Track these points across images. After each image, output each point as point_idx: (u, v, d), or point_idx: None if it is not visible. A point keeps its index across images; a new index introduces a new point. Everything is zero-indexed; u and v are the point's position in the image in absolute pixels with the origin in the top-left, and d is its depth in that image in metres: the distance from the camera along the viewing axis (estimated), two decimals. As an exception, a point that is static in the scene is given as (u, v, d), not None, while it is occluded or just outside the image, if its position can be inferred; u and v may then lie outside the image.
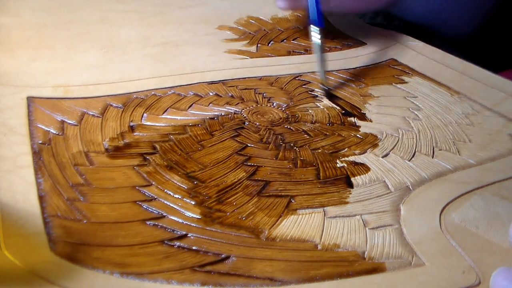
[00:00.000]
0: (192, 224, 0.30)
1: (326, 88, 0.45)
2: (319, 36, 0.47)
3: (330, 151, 0.37)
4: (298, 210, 0.31)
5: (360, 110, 0.43)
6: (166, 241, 0.28)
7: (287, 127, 0.40)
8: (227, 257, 0.28)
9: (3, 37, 0.52)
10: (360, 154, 0.37)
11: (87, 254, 0.27)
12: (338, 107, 0.43)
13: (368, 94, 0.45)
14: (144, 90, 0.43)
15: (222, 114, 0.41)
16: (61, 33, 0.54)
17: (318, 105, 0.43)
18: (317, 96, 0.45)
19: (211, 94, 0.44)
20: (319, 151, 0.37)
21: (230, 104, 0.42)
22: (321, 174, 0.35)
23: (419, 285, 0.26)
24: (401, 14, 0.61)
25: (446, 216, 0.31)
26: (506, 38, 0.62)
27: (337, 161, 0.36)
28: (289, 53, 0.52)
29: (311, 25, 0.47)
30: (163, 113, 0.41)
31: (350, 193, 0.33)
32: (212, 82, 0.45)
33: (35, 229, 0.28)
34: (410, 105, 0.44)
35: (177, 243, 0.28)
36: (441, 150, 0.38)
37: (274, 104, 0.43)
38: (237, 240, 0.29)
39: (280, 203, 0.32)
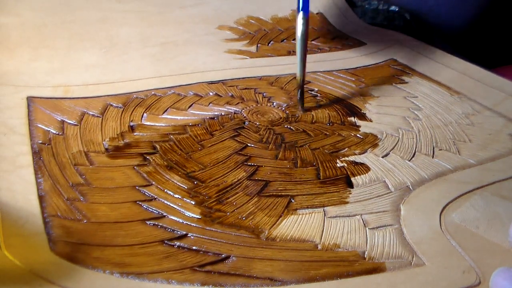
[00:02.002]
0: (192, 224, 0.30)
1: (300, 94, 0.42)
2: (303, 26, 0.41)
3: (330, 151, 0.37)
4: (298, 210, 0.31)
5: (360, 110, 0.43)
6: (166, 241, 0.28)
7: (287, 127, 0.40)
8: (227, 257, 0.28)
9: (3, 37, 0.52)
10: (360, 154, 0.37)
11: (87, 254, 0.27)
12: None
13: (368, 94, 0.45)
14: (144, 90, 0.43)
15: (222, 114, 0.41)
16: (61, 33, 0.54)
17: (318, 104, 0.43)
18: (317, 96, 0.45)
19: (211, 94, 0.44)
20: (319, 150, 0.37)
21: (230, 104, 0.42)
22: (321, 174, 0.35)
23: (419, 285, 0.26)
24: (397, 2, 0.61)
25: (446, 216, 0.31)
26: (499, 33, 0.62)
27: (337, 161, 0.36)
28: (289, 53, 0.52)
29: (299, 12, 0.41)
30: (163, 113, 0.41)
31: (350, 193, 0.33)
32: (212, 82, 0.45)
33: (35, 229, 0.28)
34: (410, 105, 0.44)
35: (177, 243, 0.28)
36: (441, 150, 0.38)
37: (274, 103, 0.43)
38: (237, 240, 0.29)
39: (280, 203, 0.32)
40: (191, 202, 0.31)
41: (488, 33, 0.62)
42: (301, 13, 0.41)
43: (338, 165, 0.36)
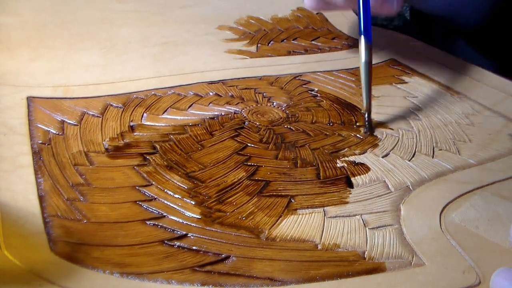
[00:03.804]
0: (192, 224, 0.30)
1: (367, 120, 0.40)
2: (366, 53, 0.40)
3: (330, 151, 0.37)
4: (298, 210, 0.31)
5: (360, 110, 0.43)
6: (166, 241, 0.28)
7: (287, 127, 0.40)
8: (227, 257, 0.28)
9: (3, 37, 0.52)
10: (360, 154, 0.37)
11: (87, 254, 0.27)
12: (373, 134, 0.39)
13: (368, 94, 0.45)
14: (144, 90, 0.43)
15: (222, 114, 0.41)
16: (61, 32, 0.54)
17: (318, 104, 0.43)
18: (317, 96, 0.45)
19: (211, 94, 0.44)
20: (319, 150, 0.37)
21: (230, 104, 0.42)
22: (321, 174, 0.35)
23: (419, 285, 0.26)
24: (424, 7, 0.61)
25: (446, 216, 0.31)
26: None
27: (337, 161, 0.36)
28: (289, 53, 0.52)
29: (361, 37, 0.41)
30: (163, 113, 0.41)
31: (350, 193, 0.33)
32: (212, 82, 0.45)
33: (35, 229, 0.28)
34: (410, 105, 0.44)
35: (177, 243, 0.28)
36: (441, 150, 0.38)
37: (274, 103, 0.43)
38: (237, 240, 0.29)
39: (280, 203, 0.32)
40: (191, 202, 0.31)
41: (505, 31, 0.62)
42: (363, 38, 0.41)
43: (338, 165, 0.36)
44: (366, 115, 0.40)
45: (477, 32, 0.62)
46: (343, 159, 0.36)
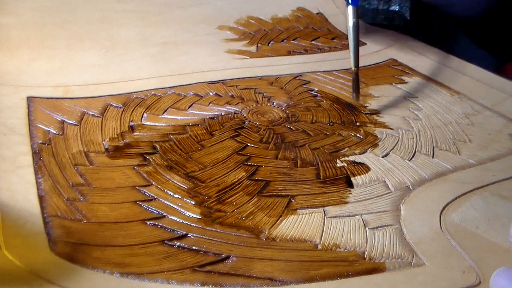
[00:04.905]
0: (192, 224, 0.30)
1: (355, 78, 0.43)
2: (353, 17, 0.44)
3: (330, 151, 0.37)
4: (298, 210, 0.31)
5: (360, 110, 0.43)
6: (166, 241, 0.28)
7: (287, 127, 0.40)
8: (227, 257, 0.28)
9: (3, 37, 0.52)
10: (360, 154, 0.37)
11: (87, 254, 0.27)
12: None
13: (368, 94, 0.45)
14: (144, 90, 0.43)
15: (222, 114, 0.41)
16: (61, 33, 0.54)
17: (318, 104, 0.43)
18: (317, 96, 0.45)
19: (211, 94, 0.44)
20: (319, 150, 0.37)
21: (230, 104, 0.42)
22: (321, 173, 0.35)
23: (419, 285, 0.26)
24: None
25: (446, 216, 0.31)
26: None
27: (337, 160, 0.36)
28: (289, 53, 0.52)
29: (348, 5, 0.44)
30: (163, 113, 0.41)
31: (350, 193, 0.33)
32: (212, 82, 0.45)
33: (35, 229, 0.28)
34: (410, 105, 0.44)
35: (177, 243, 0.28)
36: (441, 150, 0.38)
37: (274, 103, 0.43)
38: (237, 240, 0.29)
39: (280, 203, 0.32)
40: (191, 202, 0.31)
41: (504, 25, 0.62)
42: (350, 6, 0.44)
43: (338, 165, 0.36)
44: (354, 74, 0.42)
45: (476, 25, 0.62)
46: (343, 159, 0.36)
